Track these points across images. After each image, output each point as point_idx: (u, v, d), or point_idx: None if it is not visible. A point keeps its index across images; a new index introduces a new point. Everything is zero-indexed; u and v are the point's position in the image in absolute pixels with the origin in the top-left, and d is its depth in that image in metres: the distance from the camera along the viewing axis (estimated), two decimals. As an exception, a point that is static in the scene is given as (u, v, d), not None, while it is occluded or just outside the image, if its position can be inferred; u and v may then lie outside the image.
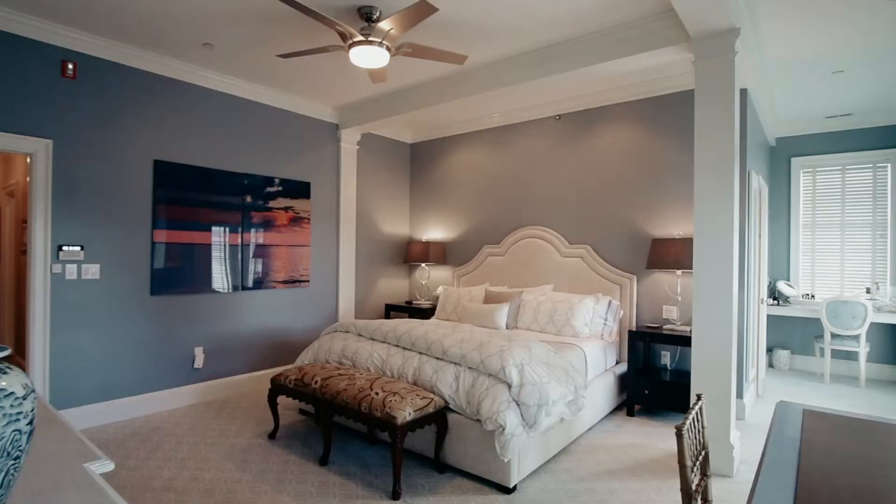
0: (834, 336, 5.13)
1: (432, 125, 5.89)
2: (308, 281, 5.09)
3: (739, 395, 3.97)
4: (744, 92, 3.99)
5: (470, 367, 2.93)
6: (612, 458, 3.14)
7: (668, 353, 4.27)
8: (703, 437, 1.53)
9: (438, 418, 2.86)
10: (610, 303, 4.26)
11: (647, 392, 3.88)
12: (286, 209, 4.87)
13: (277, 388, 3.36)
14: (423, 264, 5.81)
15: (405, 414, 2.63)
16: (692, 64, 3.11)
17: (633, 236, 4.44)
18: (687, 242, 3.88)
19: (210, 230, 4.29)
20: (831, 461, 1.36)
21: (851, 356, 5.36)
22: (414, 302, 5.75)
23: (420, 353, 3.23)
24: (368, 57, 3.07)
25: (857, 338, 5.01)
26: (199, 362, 4.21)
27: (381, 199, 5.95)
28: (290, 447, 3.26)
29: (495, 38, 3.52)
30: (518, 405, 2.67)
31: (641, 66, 3.51)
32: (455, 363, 3.01)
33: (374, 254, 5.84)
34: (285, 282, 4.88)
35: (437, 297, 5.77)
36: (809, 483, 1.23)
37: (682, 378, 3.86)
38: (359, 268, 5.64)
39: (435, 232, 5.98)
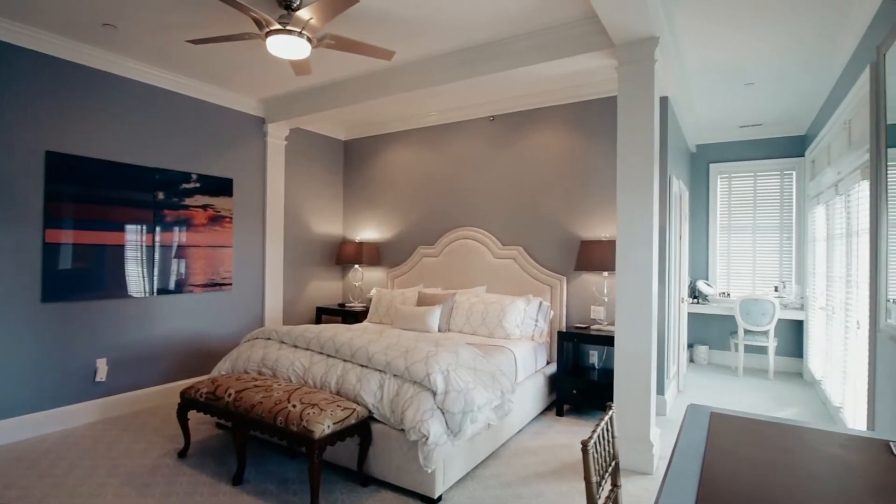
0: (746, 332, 5.46)
1: (367, 122, 5.73)
2: (230, 284, 4.79)
3: (661, 391, 4.11)
4: (665, 99, 4.14)
5: (395, 375, 2.82)
6: (540, 461, 3.15)
7: (596, 353, 4.36)
8: (614, 448, 1.51)
9: (361, 429, 2.73)
10: (541, 304, 4.29)
11: (575, 392, 3.94)
12: (205, 207, 4.55)
13: (187, 402, 3.10)
14: (356, 265, 5.63)
15: (323, 427, 2.48)
16: (616, 70, 3.16)
17: (564, 238, 4.51)
18: (613, 244, 3.98)
19: (116, 230, 3.91)
20: (734, 465, 1.38)
21: (762, 350, 5.74)
22: (347, 304, 5.57)
23: (344, 360, 3.09)
24: (287, 47, 2.88)
25: (766, 333, 5.37)
26: (101, 375, 3.83)
27: (313, 197, 5.71)
28: (201, 466, 3.02)
29: (424, 35, 3.44)
30: (443, 413, 2.59)
31: (569, 71, 3.55)
32: (380, 370, 2.90)
33: (304, 255, 5.59)
34: (205, 285, 4.56)
35: (370, 300, 5.62)
36: (711, 489, 1.23)
37: (609, 377, 3.95)
38: (288, 269, 5.38)
39: (369, 232, 5.82)
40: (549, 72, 3.51)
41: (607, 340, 3.84)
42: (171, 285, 4.29)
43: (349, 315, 5.32)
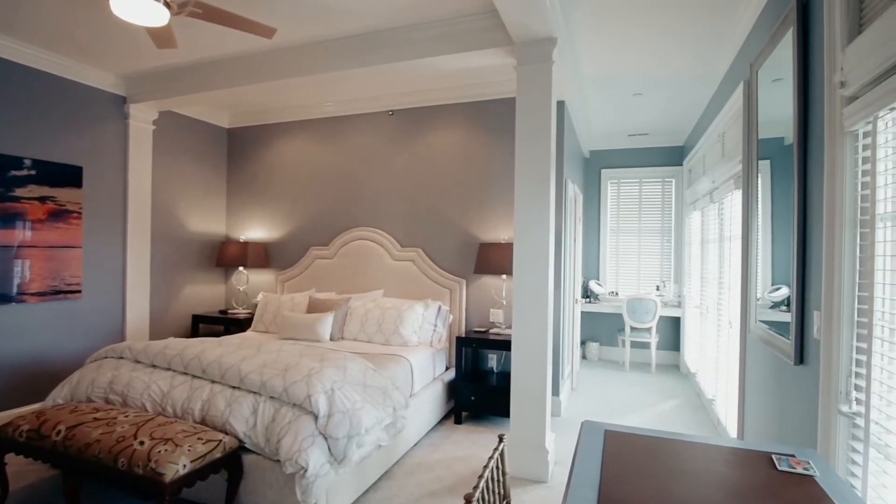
0: (632, 329, 5.78)
1: (254, 109, 5.19)
2: (80, 291, 4.05)
3: (556, 392, 4.15)
4: (562, 104, 4.17)
5: (271, 397, 2.48)
6: (435, 478, 2.97)
7: (495, 357, 4.30)
8: (505, 487, 1.35)
9: (230, 463, 2.35)
10: (440, 308, 4.14)
11: (474, 398, 3.83)
12: (43, 200, 3.78)
13: (3, 442, 2.48)
14: (240, 268, 5.08)
15: (177, 467, 2.08)
16: (514, 69, 3.07)
17: (464, 240, 4.39)
18: (512, 247, 3.92)
19: None
20: (628, 487, 1.29)
21: (645, 346, 6.11)
22: (230, 311, 5.00)
23: (213, 381, 2.67)
24: (138, 10, 2.40)
25: (649, 330, 5.71)
26: None
27: (189, 191, 5.06)
28: (21, 521, 2.44)
29: (314, 16, 3.10)
30: (326, 439, 2.30)
31: (469, 66, 3.40)
32: (255, 392, 2.53)
33: (178, 256, 4.93)
34: (44, 293, 3.80)
35: (257, 305, 5.10)
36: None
37: (507, 381, 3.89)
38: (157, 273, 4.70)
39: (256, 231, 5.29)
40: (448, 66, 3.34)
41: (506, 344, 3.78)
42: (-5, 294, 3.51)
43: (232, 323, 4.78)
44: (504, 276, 4.15)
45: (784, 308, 2.65)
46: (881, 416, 1.51)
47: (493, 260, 3.98)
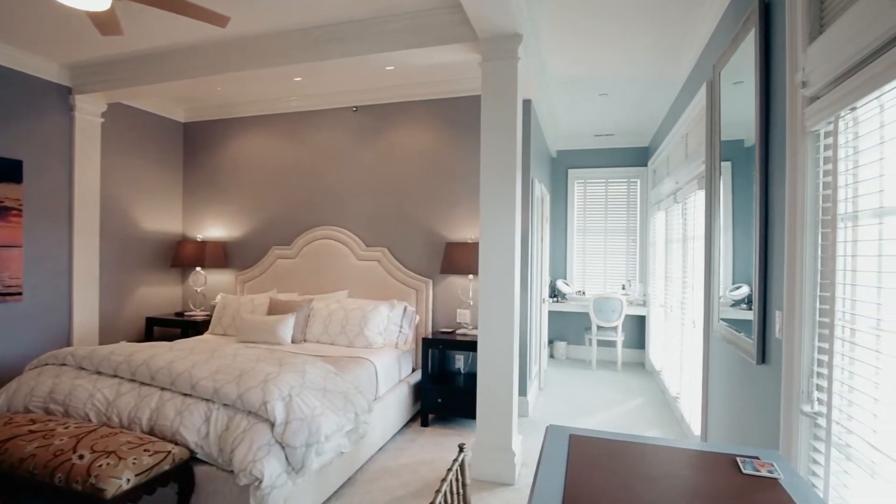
0: (599, 328, 5.83)
1: (213, 103, 4.97)
2: (20, 294, 3.78)
3: (523, 392, 4.13)
4: (529, 103, 4.15)
5: (225, 405, 2.34)
6: (401, 483, 2.89)
7: (462, 358, 4.25)
8: (465, 500, 1.28)
9: (179, 475, 2.21)
10: (405, 309, 4.05)
11: (440, 400, 3.76)
12: (-24, 195, 3.51)
13: (-77, 460, 2.27)
14: (198, 268, 4.86)
15: (120, 482, 1.93)
16: (479, 65, 3.02)
17: (430, 239, 4.32)
18: (478, 247, 3.87)
19: None
20: (593, 492, 1.25)
21: (611, 344, 6.17)
22: (186, 313, 4.78)
23: (162, 388, 2.51)
24: (75, -9, 2.22)
25: (615, 329, 5.77)
26: None
27: (143, 188, 4.81)
28: (-56, 545, 2.22)
29: (270, 3, 2.96)
30: (283, 447, 2.19)
31: (433, 62, 3.33)
32: (207, 400, 2.39)
33: (131, 256, 4.68)
34: (-22, 296, 3.52)
35: (215, 308, 4.90)
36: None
37: (474, 382, 3.83)
38: (107, 274, 4.44)
39: (215, 230, 5.08)
40: (412, 61, 3.26)
41: (473, 345, 3.73)
42: (-80, 297, 3.23)
43: (189, 326, 4.56)
44: (471, 276, 4.09)
45: (744, 306, 2.69)
46: (842, 416, 1.52)
47: (459, 259, 3.92)
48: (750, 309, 2.64)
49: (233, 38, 3.44)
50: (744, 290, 2.70)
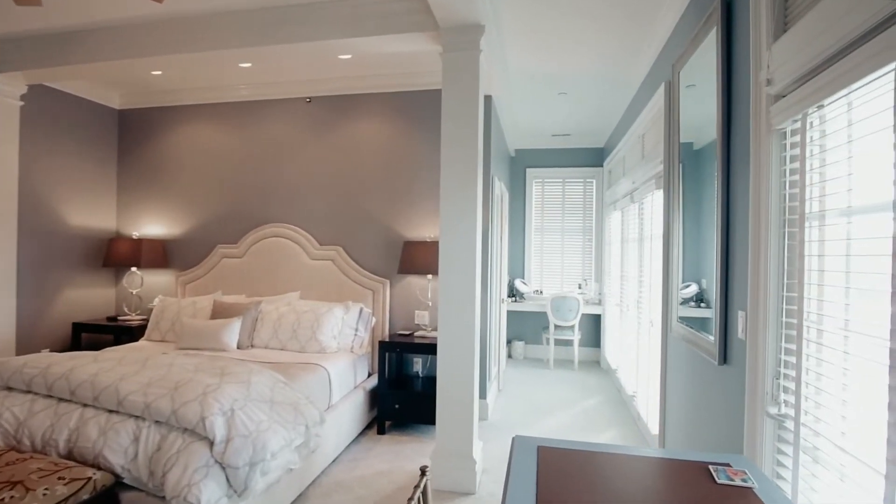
0: (556, 327, 5.83)
1: (152, 88, 4.59)
2: (-82, 298, 3.33)
3: (483, 395, 4.04)
4: (489, 98, 4.06)
5: (157, 422, 2.10)
6: (356, 498, 2.72)
7: (420, 361, 4.11)
8: (429, 530, 1.15)
9: None
10: (361, 311, 3.87)
11: (398, 406, 3.61)
12: None
13: None
14: (133, 268, 4.48)
15: (27, 517, 1.68)
16: (440, 56, 2.89)
17: (387, 238, 4.15)
18: (437, 246, 3.75)
19: None
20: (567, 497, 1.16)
21: (568, 343, 6.20)
22: (120, 318, 4.40)
23: (84, 405, 2.24)
24: (-24, -49, 1.93)
25: (572, 328, 5.80)
26: None
27: (71, 180, 4.38)
28: None
29: (213, -21, 2.72)
30: (223, 468, 1.98)
31: (392, 51, 3.17)
32: (136, 417, 2.14)
33: (55, 255, 4.25)
34: None
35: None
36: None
37: (433, 387, 3.71)
38: (26, 275, 4.00)
39: (153, 227, 4.70)
40: (368, 49, 3.09)
41: (432, 348, 3.60)
42: None
43: (123, 332, 4.19)
44: (430, 276, 3.97)
45: (693, 304, 2.70)
46: (809, 418, 1.49)
47: (418, 259, 3.78)
48: (699, 306, 2.66)
49: (168, 17, 3.15)
50: (692, 289, 2.71)
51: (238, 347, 3.56)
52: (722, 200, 2.14)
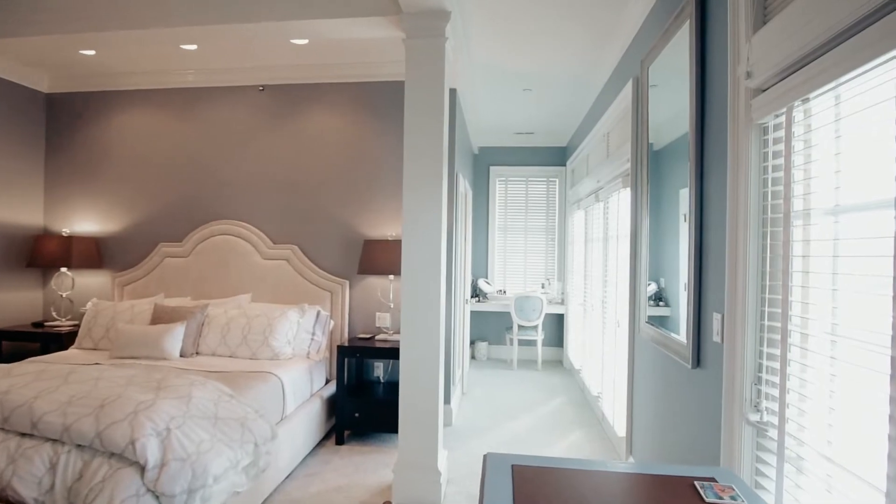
0: (520, 327, 5.77)
1: (86, 71, 4.17)
2: None
3: (447, 400, 3.90)
4: (454, 92, 3.92)
5: (79, 446, 1.84)
6: (310, 516, 2.51)
7: (381, 366, 3.92)
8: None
9: (10, 543, 1.69)
10: (318, 314, 3.65)
11: (358, 415, 3.42)
12: None
13: None
14: (63, 269, 4.07)
15: None
16: (403, 43, 2.72)
17: (346, 236, 3.94)
18: (399, 245, 3.57)
19: None
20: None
21: (532, 343, 6.16)
22: (48, 324, 3.98)
23: (-9, 427, 1.94)
24: None
25: (536, 327, 5.74)
26: None
27: (-12, 171, 3.93)
28: None
29: (149, -52, 2.45)
30: (156, 497, 1.75)
31: (352, 37, 2.97)
32: (54, 441, 1.87)
33: (-30, 254, 3.80)
34: None
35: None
36: None
37: (395, 393, 3.53)
38: (-67, 277, 3.55)
39: (86, 223, 4.29)
40: (326, 33, 2.87)
41: (394, 352, 3.43)
42: None
43: (50, 340, 3.79)
44: (392, 277, 3.79)
45: (652, 302, 2.66)
46: (792, 426, 1.42)
47: (379, 258, 3.59)
48: (657, 305, 2.62)
49: (102, -10, 2.84)
50: (651, 287, 2.67)
51: (181, 355, 3.27)
52: (695, 199, 2.08)
